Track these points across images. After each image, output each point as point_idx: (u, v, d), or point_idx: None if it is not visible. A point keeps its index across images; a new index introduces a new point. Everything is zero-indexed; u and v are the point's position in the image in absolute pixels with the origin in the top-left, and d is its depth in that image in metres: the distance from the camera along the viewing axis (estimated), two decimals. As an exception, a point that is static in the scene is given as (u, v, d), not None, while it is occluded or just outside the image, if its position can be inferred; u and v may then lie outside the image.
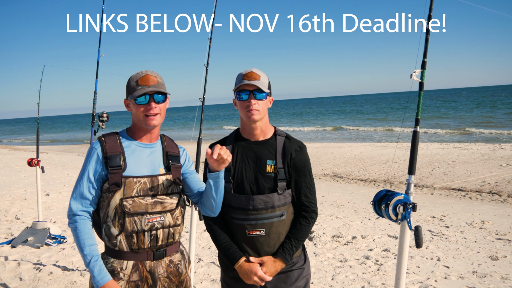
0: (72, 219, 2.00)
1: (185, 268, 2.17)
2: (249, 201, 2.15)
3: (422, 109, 2.25)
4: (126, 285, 1.98)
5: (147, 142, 2.11)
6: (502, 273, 4.33)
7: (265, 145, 2.23)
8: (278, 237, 2.18)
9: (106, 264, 2.02)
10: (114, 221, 1.97)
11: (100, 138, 2.07)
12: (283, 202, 2.18)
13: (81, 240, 1.96)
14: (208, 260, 4.94)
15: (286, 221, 2.20)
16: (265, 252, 2.18)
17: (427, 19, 2.21)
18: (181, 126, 49.26)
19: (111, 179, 1.96)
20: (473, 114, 36.70)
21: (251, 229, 2.16)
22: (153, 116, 2.03)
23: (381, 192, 2.18)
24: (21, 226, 6.48)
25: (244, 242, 2.18)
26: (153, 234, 2.00)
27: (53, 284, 4.27)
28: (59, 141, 38.88)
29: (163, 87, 2.08)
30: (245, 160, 2.21)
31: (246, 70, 2.18)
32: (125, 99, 2.11)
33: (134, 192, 1.98)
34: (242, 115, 2.18)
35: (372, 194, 8.58)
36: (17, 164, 15.54)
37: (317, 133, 30.78)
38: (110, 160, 1.98)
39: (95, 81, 4.67)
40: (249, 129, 2.22)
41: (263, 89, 2.12)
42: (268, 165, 2.18)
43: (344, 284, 4.22)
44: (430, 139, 20.27)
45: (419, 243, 1.99)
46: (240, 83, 2.14)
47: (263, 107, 2.16)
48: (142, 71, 2.07)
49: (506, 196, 8.26)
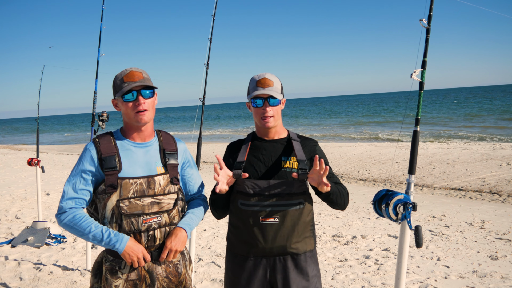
0: (63, 215, 1.94)
1: (185, 268, 2.16)
2: (265, 186, 2.11)
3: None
4: (124, 284, 1.98)
5: (141, 141, 2.08)
6: (502, 272, 4.33)
7: (279, 143, 2.25)
8: (292, 228, 2.12)
9: (105, 262, 2.03)
10: (112, 222, 1.97)
11: (94, 139, 2.05)
12: (302, 190, 2.15)
13: (82, 225, 1.92)
14: (208, 260, 4.93)
15: (305, 211, 2.16)
16: (276, 242, 2.11)
17: (427, 18, 2.21)
18: (181, 125, 49.23)
19: (107, 180, 1.95)
20: (438, 113, 38.76)
21: (264, 216, 2.11)
22: (143, 112, 2.00)
23: (381, 191, 2.18)
24: (21, 226, 6.48)
25: (256, 230, 2.11)
26: (150, 234, 2.00)
27: (53, 283, 4.27)
28: (59, 140, 38.87)
29: (150, 82, 2.04)
30: (260, 157, 2.21)
31: (259, 76, 2.19)
32: (112, 99, 2.08)
33: (131, 193, 1.96)
34: (257, 121, 2.22)
35: (372, 193, 8.59)
36: (17, 164, 15.54)
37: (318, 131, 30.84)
38: (105, 161, 1.96)
39: (95, 81, 4.67)
40: (264, 131, 2.25)
41: (276, 96, 2.14)
42: (283, 161, 2.18)
43: (344, 284, 4.21)
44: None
45: (419, 243, 1.99)
46: (254, 91, 2.15)
47: (278, 112, 2.19)
48: (127, 69, 2.04)
49: (506, 195, 8.26)
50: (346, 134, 27.44)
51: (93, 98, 4.59)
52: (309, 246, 2.19)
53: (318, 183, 2.01)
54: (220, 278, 4.32)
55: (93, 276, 2.09)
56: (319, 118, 49.01)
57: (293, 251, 2.13)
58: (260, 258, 2.14)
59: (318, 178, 2.01)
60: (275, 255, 2.13)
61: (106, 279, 2.01)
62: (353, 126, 33.42)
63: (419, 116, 2.22)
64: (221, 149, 19.18)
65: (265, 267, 2.14)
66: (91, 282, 2.09)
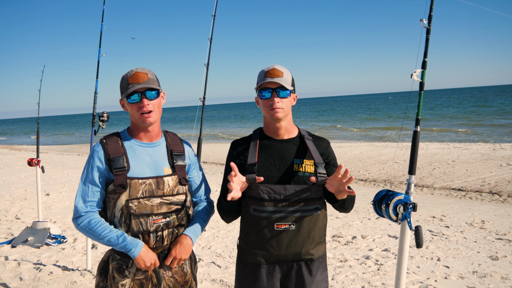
0: (80, 219, 1.99)
1: (190, 268, 2.18)
2: (281, 191, 2.00)
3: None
4: (131, 283, 2.01)
5: (148, 141, 2.09)
6: (502, 273, 4.32)
7: (290, 143, 2.12)
8: (308, 234, 2.03)
9: (112, 261, 2.05)
10: (121, 221, 1.98)
11: (102, 140, 2.05)
12: (318, 195, 2.05)
13: (98, 230, 1.96)
14: (208, 260, 4.93)
15: (321, 216, 2.07)
16: (291, 249, 2.01)
17: (428, 19, 2.21)
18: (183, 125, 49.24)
19: (116, 180, 1.96)
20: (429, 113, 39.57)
21: (279, 222, 2.00)
22: (148, 113, 2.00)
23: (382, 192, 2.17)
24: (21, 226, 6.48)
25: (269, 237, 2.01)
26: (159, 235, 2.01)
27: (53, 284, 4.27)
28: (59, 141, 38.86)
29: (155, 82, 2.03)
30: (270, 159, 2.07)
31: (268, 67, 2.07)
32: (120, 99, 2.09)
33: (140, 193, 1.97)
34: (265, 113, 2.07)
35: (372, 194, 8.58)
36: (17, 164, 15.54)
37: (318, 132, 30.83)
38: (113, 162, 1.97)
39: (96, 81, 4.66)
40: (273, 128, 2.11)
41: (286, 87, 2.01)
42: (295, 164, 2.06)
43: (344, 284, 4.21)
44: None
45: (419, 243, 1.98)
46: (262, 81, 2.02)
47: (287, 105, 2.05)
48: (133, 69, 2.03)
49: (506, 196, 8.26)
50: (347, 132, 27.46)
51: (94, 98, 4.59)
52: (322, 251, 2.12)
53: (338, 190, 1.94)
54: (220, 278, 4.32)
55: (98, 275, 2.11)
56: (320, 117, 49.00)
57: (308, 257, 2.06)
58: (273, 265, 2.06)
59: (338, 186, 1.93)
60: (289, 262, 2.06)
61: (113, 277, 2.02)
62: (353, 126, 33.45)
63: (419, 116, 2.22)
64: (220, 149, 19.17)
65: (278, 273, 2.07)
66: (97, 280, 2.10)
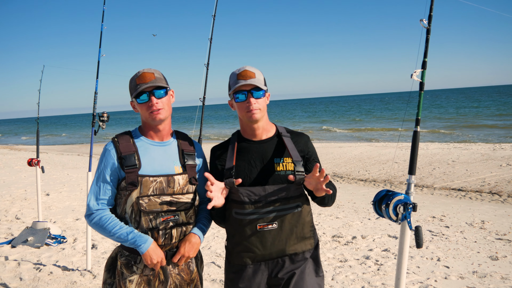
0: (92, 216, 2.04)
1: (196, 267, 2.22)
2: (261, 192, 2.03)
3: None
4: (138, 279, 2.04)
5: (159, 140, 2.13)
6: (502, 273, 4.32)
7: (269, 143, 2.13)
8: (291, 231, 2.07)
9: (121, 257, 2.08)
10: (131, 218, 2.03)
11: (113, 138, 2.11)
12: (298, 193, 2.09)
13: (108, 227, 2.00)
14: (208, 260, 4.94)
15: (303, 213, 2.11)
16: (275, 247, 2.06)
17: (428, 19, 2.21)
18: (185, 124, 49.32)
19: (128, 178, 2.00)
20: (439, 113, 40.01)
21: (262, 223, 2.04)
22: (157, 111, 2.04)
23: (381, 192, 2.17)
24: (21, 226, 6.48)
25: (253, 238, 2.05)
26: (168, 232, 2.05)
27: (53, 284, 4.27)
28: (59, 141, 38.85)
29: (162, 81, 2.07)
30: (250, 161, 2.09)
31: (239, 69, 2.07)
32: (130, 101, 2.14)
33: (150, 191, 2.01)
34: (242, 116, 2.08)
35: (372, 194, 8.58)
36: (17, 164, 15.54)
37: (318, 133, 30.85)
38: (125, 160, 2.01)
39: (96, 81, 4.67)
40: (250, 130, 2.12)
41: (260, 87, 2.03)
42: (275, 163, 2.08)
43: (344, 284, 4.21)
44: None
45: (419, 243, 1.98)
46: (236, 84, 2.02)
47: (263, 105, 2.07)
48: (140, 70, 2.08)
49: (506, 196, 8.26)
50: (348, 133, 27.47)
51: (94, 99, 4.59)
52: (308, 245, 2.15)
53: (316, 188, 1.97)
54: (220, 279, 4.32)
55: (106, 272, 2.14)
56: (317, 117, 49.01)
57: (291, 252, 2.10)
58: (258, 264, 2.10)
59: (316, 184, 1.96)
60: (273, 258, 2.10)
61: (122, 273, 2.06)
62: (353, 126, 33.49)
63: (419, 116, 2.22)
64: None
65: (265, 271, 2.11)
66: (104, 277, 2.14)
